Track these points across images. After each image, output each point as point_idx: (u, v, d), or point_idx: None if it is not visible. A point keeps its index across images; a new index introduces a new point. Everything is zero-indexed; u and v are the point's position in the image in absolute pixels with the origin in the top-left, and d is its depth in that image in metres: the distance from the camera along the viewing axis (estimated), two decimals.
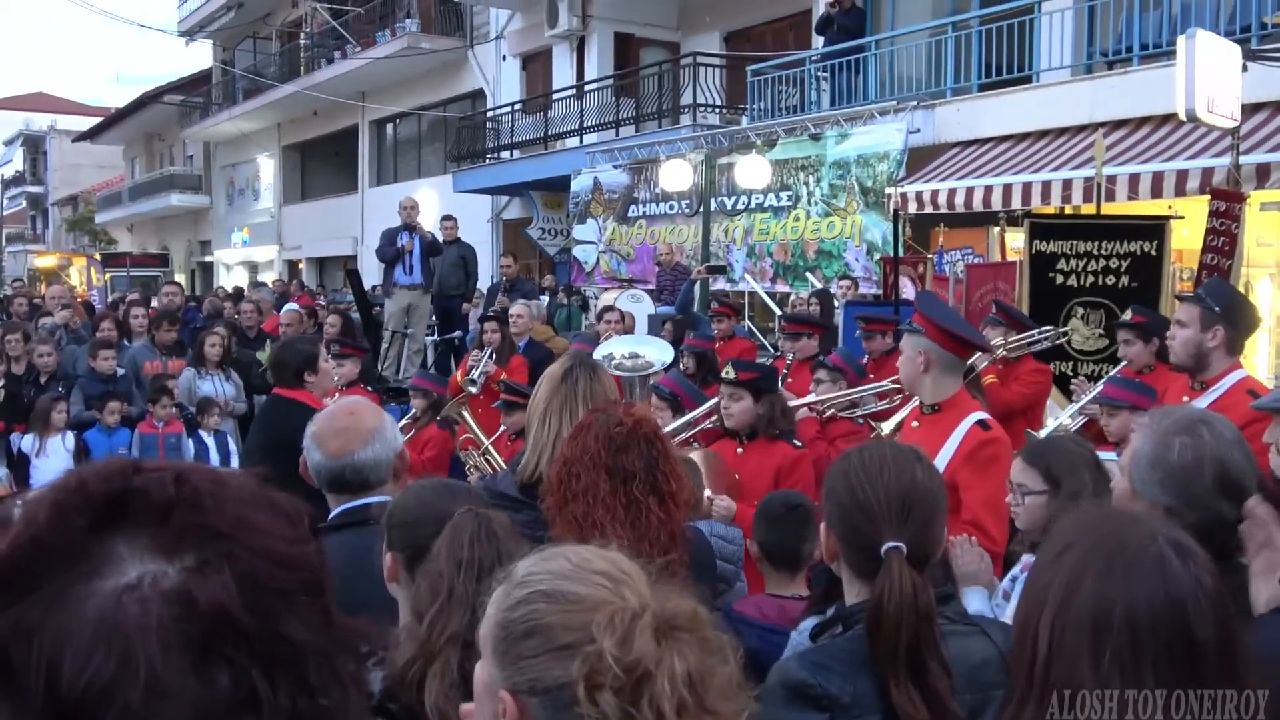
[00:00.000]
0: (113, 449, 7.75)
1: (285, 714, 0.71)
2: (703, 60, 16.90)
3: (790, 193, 13.64)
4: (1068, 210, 10.13)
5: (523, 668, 1.24)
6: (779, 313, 11.54)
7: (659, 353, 4.87)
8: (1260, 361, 9.44)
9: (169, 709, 0.67)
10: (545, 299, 14.02)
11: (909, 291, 9.51)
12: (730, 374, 4.73)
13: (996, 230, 11.28)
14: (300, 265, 30.00)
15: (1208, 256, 7.03)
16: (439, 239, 12.01)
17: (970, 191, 11.01)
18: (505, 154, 20.21)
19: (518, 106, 20.35)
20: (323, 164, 29.87)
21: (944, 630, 1.89)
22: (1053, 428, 5.47)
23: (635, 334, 8.67)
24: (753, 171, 12.99)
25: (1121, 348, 5.74)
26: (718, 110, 16.78)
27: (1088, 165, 9.42)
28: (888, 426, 4.36)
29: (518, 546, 1.91)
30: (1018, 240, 9.52)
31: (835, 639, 1.98)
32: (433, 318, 12.48)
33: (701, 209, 13.09)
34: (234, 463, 7.66)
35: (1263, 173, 8.70)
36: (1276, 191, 9.18)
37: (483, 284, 13.99)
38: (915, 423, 3.75)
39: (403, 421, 6.98)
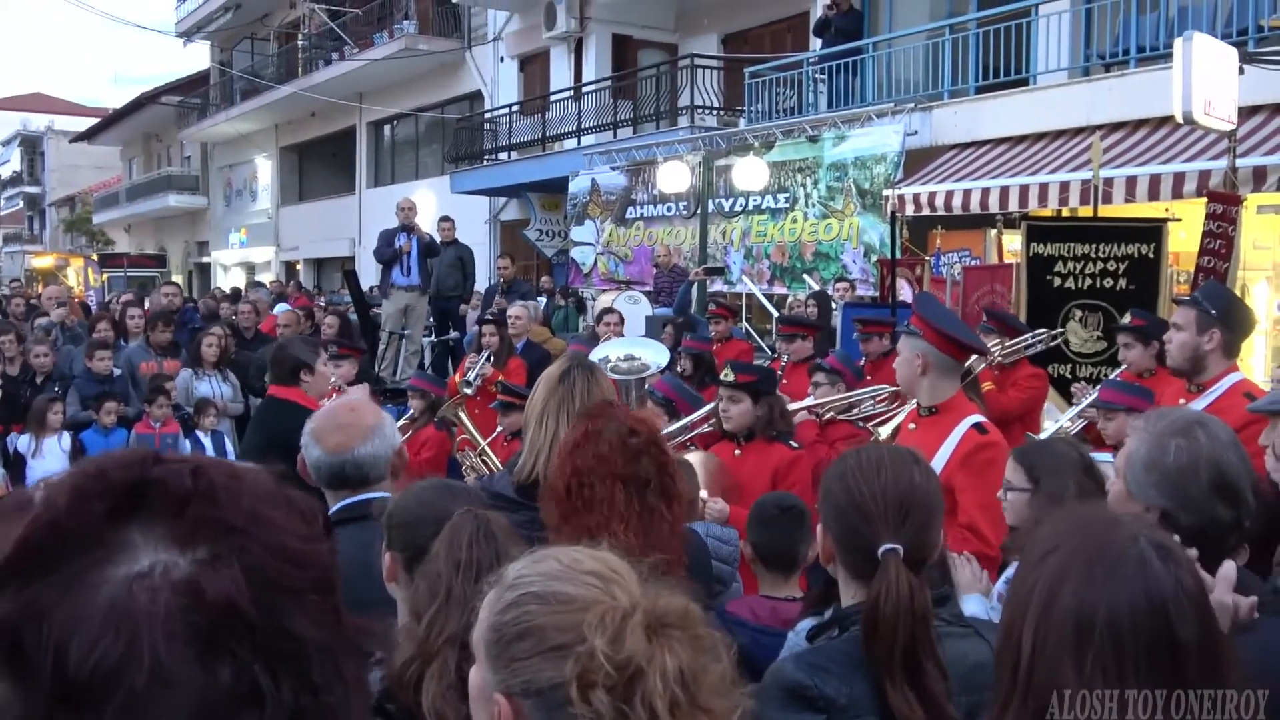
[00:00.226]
0: (109, 450, 7.72)
1: (288, 710, 0.71)
2: (700, 62, 16.91)
3: (788, 194, 13.64)
4: (1065, 213, 10.14)
5: (516, 670, 1.25)
6: (776, 314, 11.54)
7: (655, 355, 4.88)
8: (1256, 364, 9.46)
9: (172, 698, 0.68)
10: (543, 300, 14.02)
11: (906, 294, 9.50)
12: (729, 376, 4.74)
13: (994, 232, 11.29)
14: (298, 266, 29.96)
15: (1204, 259, 7.03)
16: (436, 240, 12.00)
17: (967, 194, 11.02)
18: (503, 155, 20.21)
19: (515, 108, 20.35)
20: (320, 165, 29.85)
21: (940, 632, 1.90)
22: (1053, 430, 5.48)
23: (631, 335, 8.67)
24: (750, 173, 12.99)
25: (1121, 351, 5.75)
26: (715, 112, 16.80)
27: (1085, 168, 9.43)
28: (885, 430, 4.37)
29: (516, 548, 1.91)
30: (1015, 243, 9.52)
31: (831, 640, 1.99)
32: (430, 319, 12.47)
33: (699, 211, 13.09)
34: None
35: (1259, 175, 8.71)
36: (1273, 194, 9.19)
37: (480, 285, 13.98)
38: (912, 425, 3.76)
39: (400, 422, 6.99)
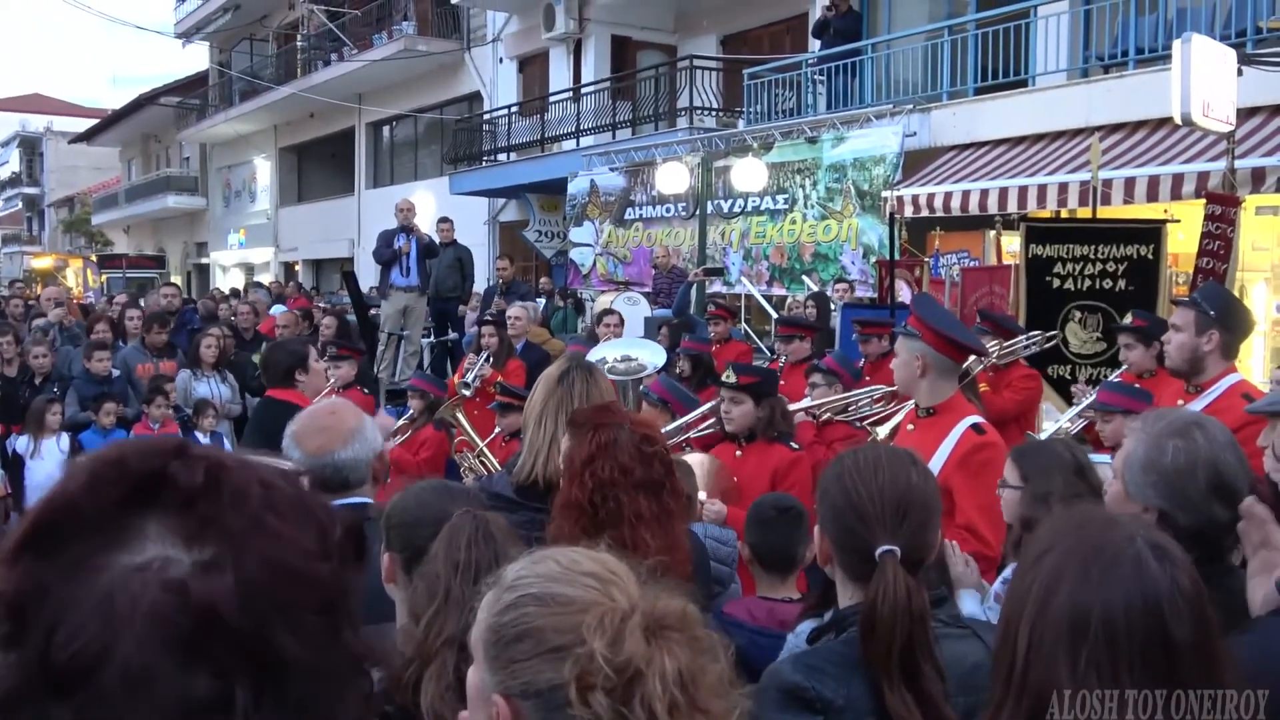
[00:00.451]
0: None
1: None
2: (699, 63, 16.91)
3: (786, 196, 13.64)
4: (1064, 214, 10.14)
5: (515, 671, 1.25)
6: (775, 315, 11.53)
7: (651, 355, 4.87)
8: (1255, 365, 9.46)
9: (141, 698, 0.66)
10: (542, 301, 14.02)
11: (905, 295, 9.50)
12: (731, 378, 4.74)
13: (992, 234, 11.30)
14: (296, 267, 29.95)
15: (1203, 260, 7.03)
16: (436, 241, 12.00)
17: (966, 195, 11.02)
18: (502, 156, 20.20)
19: (514, 109, 20.34)
20: (319, 166, 29.84)
21: (937, 633, 1.90)
22: (1053, 431, 5.50)
23: (629, 337, 8.66)
24: (749, 174, 12.99)
25: (1123, 352, 5.74)
26: (714, 113, 16.80)
27: (1083, 169, 9.43)
28: (883, 431, 4.37)
29: (515, 548, 1.91)
30: (1014, 244, 9.53)
31: (829, 642, 1.99)
32: (429, 320, 12.46)
33: (698, 212, 13.09)
34: None
35: (1258, 177, 8.72)
36: (1272, 196, 9.19)
37: (479, 286, 13.98)
38: (910, 426, 3.75)
39: (400, 423, 6.99)
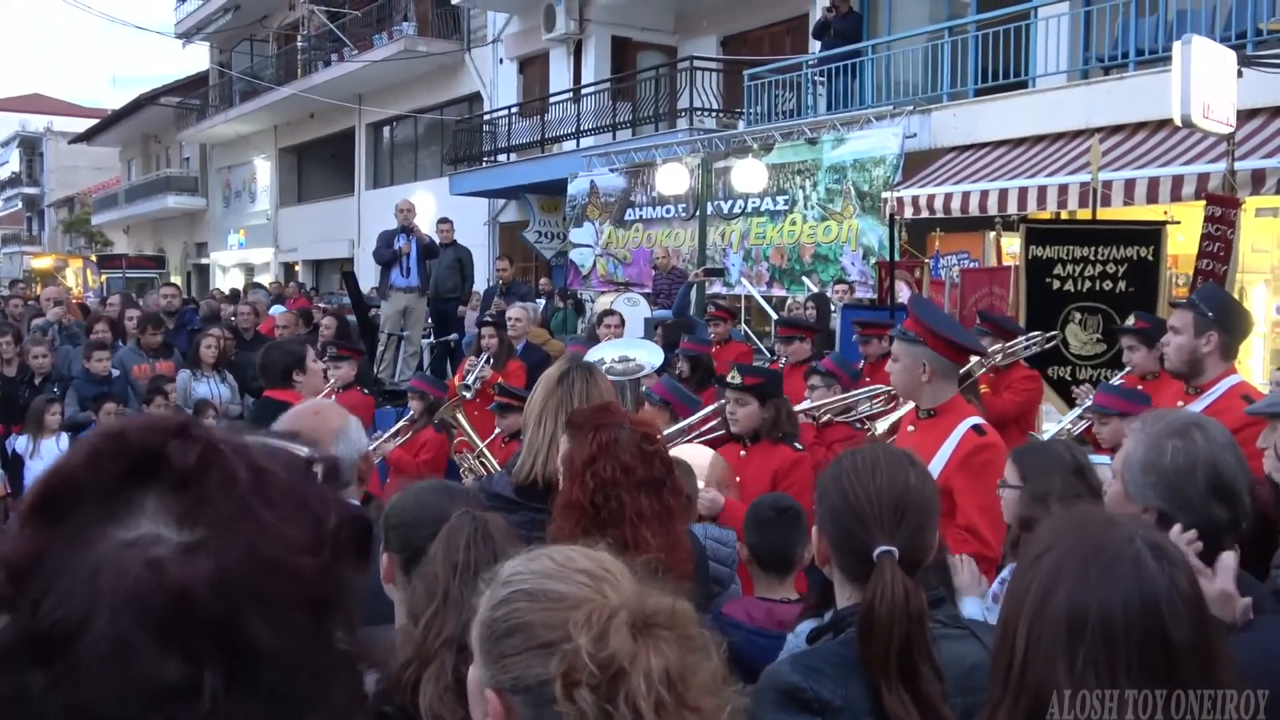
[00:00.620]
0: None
1: (240, 716, 0.68)
2: (700, 64, 16.91)
3: (786, 197, 13.64)
4: (1064, 215, 10.14)
5: (505, 666, 1.25)
6: (775, 316, 11.54)
7: (649, 355, 4.86)
8: (1255, 366, 9.47)
9: (112, 673, 0.66)
10: (541, 302, 14.02)
11: (905, 296, 9.50)
12: (736, 379, 4.73)
13: (992, 235, 11.29)
14: (296, 268, 29.95)
15: (1203, 262, 7.03)
16: (436, 242, 12.00)
17: (966, 196, 11.02)
18: (502, 157, 20.20)
19: (514, 110, 20.34)
20: (319, 166, 29.84)
21: (935, 634, 1.89)
22: (1055, 432, 5.51)
23: (627, 337, 8.65)
24: (749, 175, 12.99)
25: (1126, 353, 5.74)
26: (714, 114, 16.80)
27: (1084, 170, 9.43)
28: (882, 426, 4.37)
29: (514, 549, 1.91)
30: (1014, 245, 9.52)
31: (827, 643, 1.99)
32: (429, 320, 12.46)
33: (698, 213, 13.09)
34: None
35: (1258, 178, 8.72)
36: (1271, 197, 9.20)
37: (479, 287, 13.98)
38: (911, 427, 3.75)
39: (399, 424, 6.99)
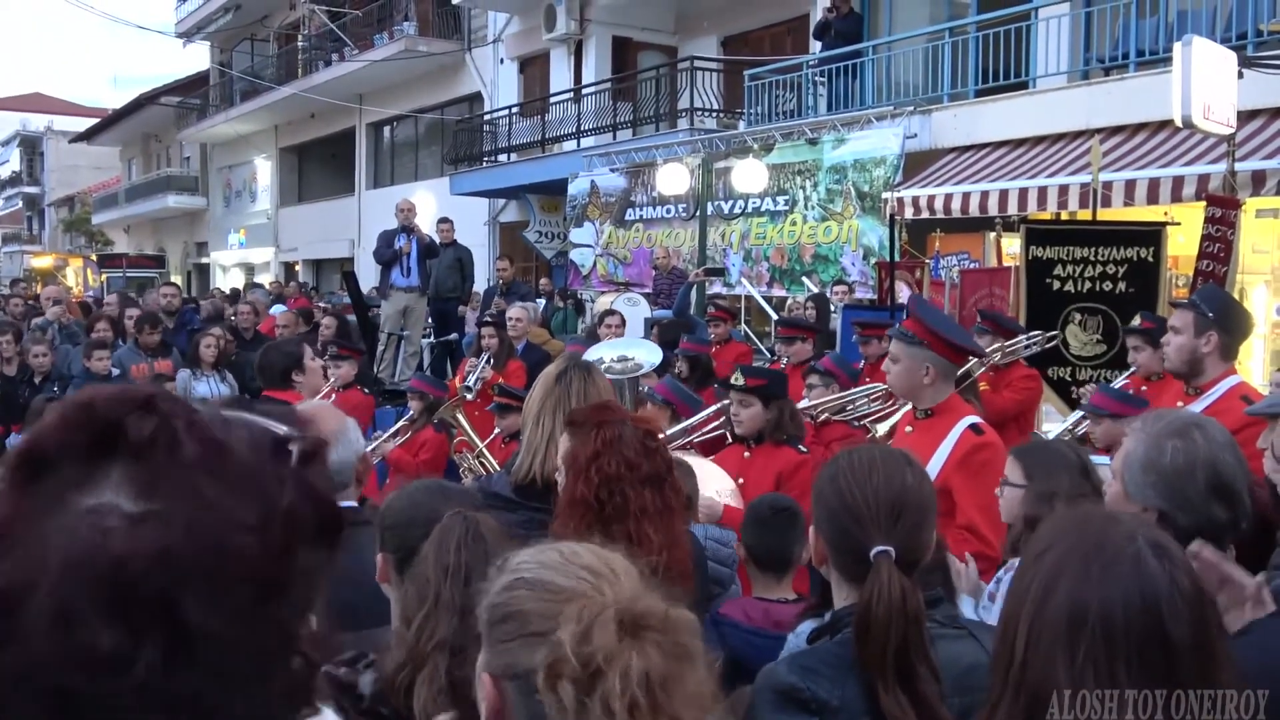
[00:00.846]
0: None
1: (168, 695, 0.69)
2: (700, 64, 16.91)
3: (787, 197, 13.64)
4: (1064, 216, 10.14)
5: (500, 651, 1.27)
6: (775, 317, 11.53)
7: (648, 354, 4.85)
8: (1255, 367, 9.46)
9: (52, 639, 0.67)
10: (542, 302, 14.02)
11: (905, 296, 9.50)
12: (740, 380, 4.73)
13: (993, 236, 11.30)
14: (297, 267, 29.96)
15: (1203, 263, 7.03)
16: (436, 241, 11.99)
17: (966, 197, 11.02)
18: (502, 157, 20.20)
19: (515, 110, 20.34)
20: (320, 166, 29.84)
21: (933, 634, 1.89)
22: (1058, 432, 5.52)
23: (627, 337, 8.64)
24: (749, 176, 12.99)
25: (1131, 354, 5.73)
26: (715, 114, 16.79)
27: (1084, 171, 9.43)
28: (882, 428, 4.36)
29: (507, 549, 1.91)
30: (1014, 246, 9.53)
31: (824, 643, 1.98)
32: (429, 320, 12.46)
33: (698, 213, 13.08)
34: None
35: (1258, 179, 8.71)
36: (1272, 199, 9.19)
37: (479, 287, 13.98)
38: (909, 428, 3.75)
39: (399, 423, 6.98)
